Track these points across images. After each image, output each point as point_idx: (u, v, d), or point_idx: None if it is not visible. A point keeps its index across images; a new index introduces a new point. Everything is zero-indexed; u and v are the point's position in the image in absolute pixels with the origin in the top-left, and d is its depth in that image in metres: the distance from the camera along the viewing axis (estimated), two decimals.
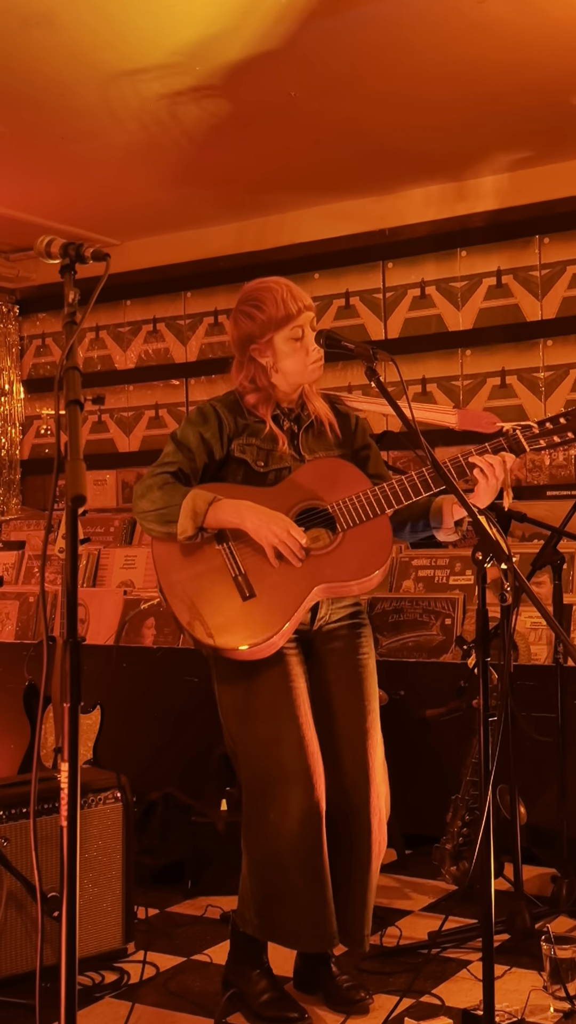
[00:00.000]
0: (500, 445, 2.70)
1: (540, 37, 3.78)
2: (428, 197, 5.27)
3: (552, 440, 2.69)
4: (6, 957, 2.97)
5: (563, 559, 3.50)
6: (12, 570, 5.64)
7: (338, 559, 2.72)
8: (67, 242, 2.02)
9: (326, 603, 2.81)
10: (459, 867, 3.60)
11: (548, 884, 3.57)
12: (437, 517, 2.84)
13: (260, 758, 2.74)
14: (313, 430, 2.88)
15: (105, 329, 6.25)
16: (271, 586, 2.69)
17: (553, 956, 2.80)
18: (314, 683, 2.83)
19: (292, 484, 2.78)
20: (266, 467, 2.80)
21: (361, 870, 2.79)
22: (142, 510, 2.75)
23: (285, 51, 3.82)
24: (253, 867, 2.77)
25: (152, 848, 3.92)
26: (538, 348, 5.03)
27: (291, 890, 2.70)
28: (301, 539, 2.68)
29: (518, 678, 3.79)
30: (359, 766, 2.80)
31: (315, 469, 2.81)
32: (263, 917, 2.75)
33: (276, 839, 2.70)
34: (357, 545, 2.72)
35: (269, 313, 2.77)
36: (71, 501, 1.72)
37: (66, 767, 1.77)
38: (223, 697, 2.84)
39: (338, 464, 2.83)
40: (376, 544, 2.73)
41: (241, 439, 2.81)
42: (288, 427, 2.86)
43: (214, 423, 2.80)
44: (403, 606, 4.44)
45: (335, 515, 2.73)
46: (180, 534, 2.69)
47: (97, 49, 3.82)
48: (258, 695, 2.75)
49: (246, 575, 2.70)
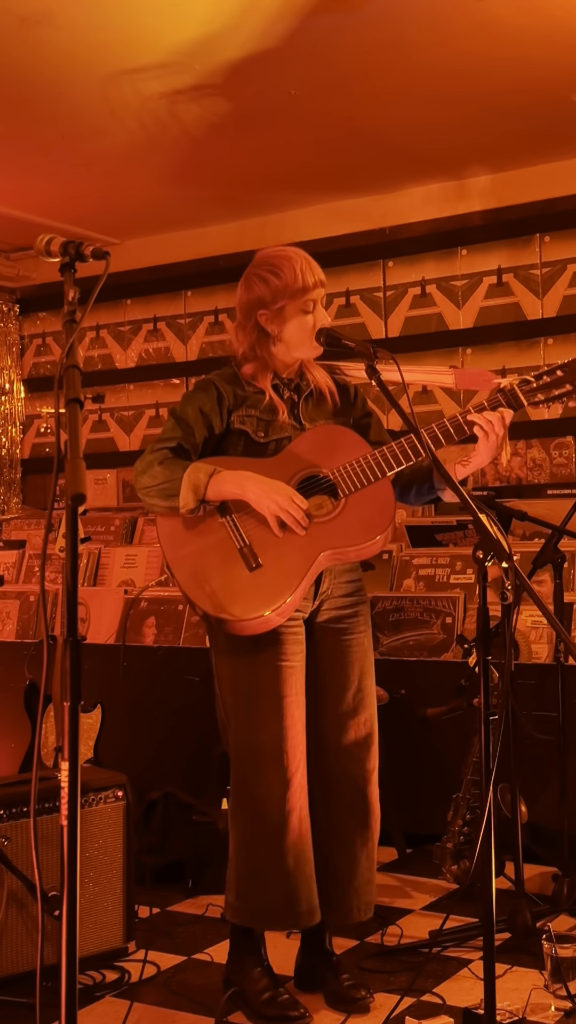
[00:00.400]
0: (498, 401, 2.70)
1: (540, 35, 3.77)
2: (428, 195, 5.27)
3: (551, 393, 2.68)
4: (7, 956, 2.96)
5: (564, 557, 3.50)
6: (13, 569, 5.64)
7: (341, 525, 2.72)
8: (67, 240, 2.02)
9: (328, 576, 2.82)
10: (460, 866, 3.60)
11: (549, 883, 3.57)
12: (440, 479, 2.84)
13: (248, 733, 2.76)
14: (313, 399, 2.88)
15: (105, 328, 6.25)
16: (277, 556, 2.70)
17: (554, 955, 2.80)
18: (312, 662, 2.85)
19: (292, 453, 2.78)
20: (266, 437, 2.80)
21: (364, 840, 2.84)
22: (144, 486, 2.76)
23: (285, 49, 3.82)
24: (238, 844, 2.79)
25: (153, 847, 3.92)
26: (539, 346, 5.02)
27: (272, 867, 2.72)
28: (303, 507, 2.68)
29: (519, 677, 3.79)
30: (358, 743, 2.84)
31: (314, 437, 2.81)
32: (242, 899, 2.77)
33: (262, 815, 2.73)
34: (360, 510, 2.73)
35: (286, 281, 2.76)
36: (71, 499, 1.72)
37: (66, 766, 1.76)
38: (220, 670, 2.85)
39: (337, 430, 2.83)
40: (378, 508, 2.73)
41: (241, 411, 2.81)
42: (288, 396, 2.85)
43: (213, 396, 2.81)
44: (404, 605, 4.43)
45: (336, 481, 2.74)
46: (182, 507, 2.70)
47: (96, 48, 3.81)
48: (252, 671, 2.76)
49: (251, 546, 2.71)
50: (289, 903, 2.72)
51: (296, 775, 2.74)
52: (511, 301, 5.09)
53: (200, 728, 2.89)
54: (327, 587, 2.83)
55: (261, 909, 2.75)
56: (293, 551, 2.70)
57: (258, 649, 2.75)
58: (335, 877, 2.84)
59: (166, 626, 4.77)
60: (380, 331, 5.39)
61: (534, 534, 4.54)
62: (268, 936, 2.94)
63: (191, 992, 2.97)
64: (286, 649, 2.77)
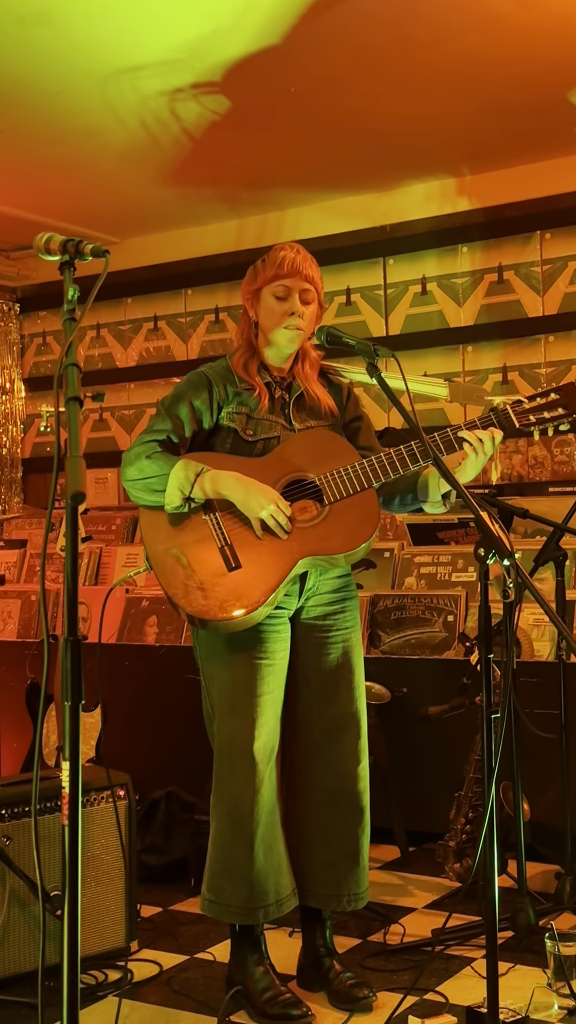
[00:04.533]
0: (489, 420, 2.70)
1: (541, 32, 3.76)
2: (429, 193, 5.26)
3: (542, 416, 2.68)
4: (9, 956, 2.96)
5: (565, 555, 3.50)
6: (14, 569, 5.63)
7: (324, 532, 2.72)
8: (66, 239, 2.02)
9: (314, 573, 2.82)
10: (462, 864, 3.60)
11: (552, 881, 3.57)
12: (424, 490, 2.85)
13: (225, 730, 2.77)
14: (304, 400, 2.88)
15: (106, 327, 6.25)
16: (256, 558, 2.70)
17: (557, 953, 2.79)
18: (300, 659, 2.85)
19: (280, 455, 2.78)
20: (255, 436, 2.80)
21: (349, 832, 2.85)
22: (130, 478, 2.76)
23: (284, 47, 3.81)
24: (214, 838, 2.81)
25: (155, 846, 3.92)
26: (540, 344, 5.02)
27: (241, 862, 2.73)
28: (288, 512, 2.69)
29: (521, 675, 3.79)
30: (344, 738, 2.85)
31: (304, 441, 2.81)
32: (213, 892, 2.79)
33: (236, 809, 2.74)
34: (343, 518, 2.73)
35: (267, 267, 2.81)
36: (70, 498, 1.71)
37: (68, 765, 1.76)
38: (206, 666, 2.86)
39: (327, 436, 2.84)
40: (362, 517, 2.74)
41: (231, 407, 2.81)
42: (279, 395, 2.86)
43: (204, 391, 2.81)
44: (405, 603, 4.43)
45: (322, 488, 2.74)
46: (167, 504, 2.71)
47: (96, 46, 3.81)
48: (232, 668, 2.77)
49: (232, 546, 2.71)
50: (256, 897, 2.74)
51: (266, 772, 2.75)
52: (512, 298, 5.08)
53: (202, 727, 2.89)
54: (313, 584, 2.83)
55: (230, 904, 2.77)
56: (273, 553, 2.70)
57: (238, 646, 2.76)
58: (320, 869, 2.85)
59: (167, 625, 4.77)
60: (381, 329, 5.39)
61: (536, 532, 4.54)
62: (270, 935, 2.94)
63: (193, 991, 2.97)
64: (267, 647, 2.77)
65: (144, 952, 3.22)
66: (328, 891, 2.87)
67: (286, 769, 2.88)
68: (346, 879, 2.86)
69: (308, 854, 2.86)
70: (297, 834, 2.86)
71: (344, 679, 2.87)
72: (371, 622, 4.44)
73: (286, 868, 2.81)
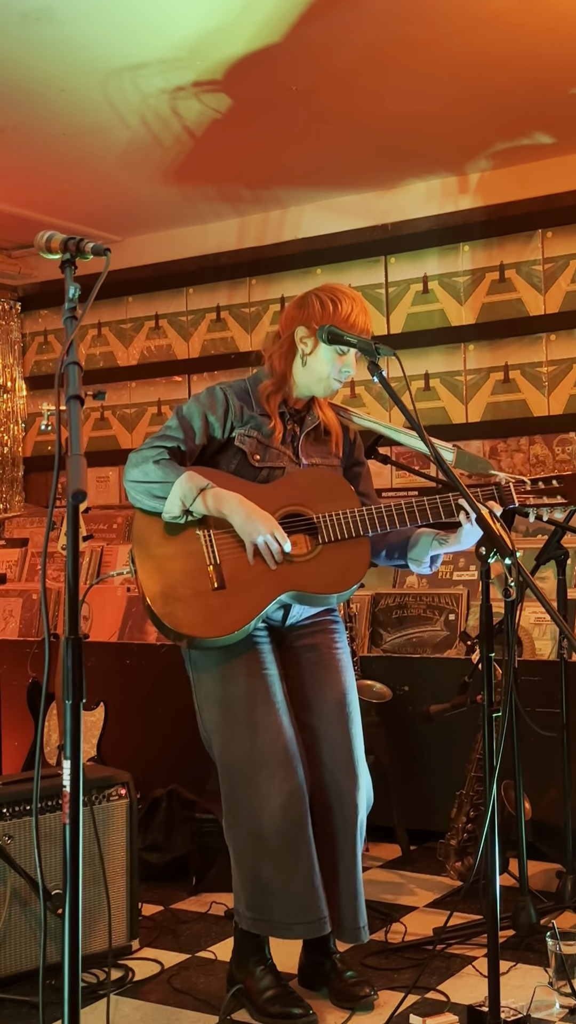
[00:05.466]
0: (491, 494, 2.72)
1: (542, 30, 3.76)
2: (430, 191, 5.26)
3: (542, 501, 2.73)
4: (10, 955, 2.97)
5: (567, 554, 3.50)
6: (15, 567, 5.64)
7: (313, 570, 2.73)
8: (67, 237, 2.02)
9: (296, 607, 2.83)
10: (464, 863, 3.60)
11: (553, 880, 3.57)
12: (415, 550, 2.86)
13: (239, 745, 2.74)
14: (314, 435, 2.90)
15: (107, 326, 6.24)
16: (242, 583, 2.71)
17: (558, 952, 2.79)
18: (290, 676, 2.85)
19: (284, 486, 2.80)
20: (261, 462, 2.81)
21: (348, 861, 2.80)
22: (133, 479, 2.76)
23: (286, 45, 3.81)
24: (239, 859, 2.77)
25: (156, 845, 3.92)
26: (541, 343, 5.01)
27: (279, 877, 2.70)
28: (285, 543, 2.69)
29: (522, 673, 3.79)
30: (341, 760, 2.80)
31: (309, 476, 2.83)
32: (254, 910, 2.75)
33: (259, 826, 2.70)
34: (334, 560, 2.74)
35: (341, 312, 2.79)
36: (72, 496, 1.71)
37: (69, 764, 1.76)
38: (199, 685, 2.85)
39: (332, 477, 2.86)
40: (352, 563, 2.75)
41: (244, 430, 2.82)
42: (291, 428, 2.87)
43: (222, 408, 2.83)
44: (407, 601, 4.43)
45: (319, 526, 2.75)
46: (166, 513, 2.71)
47: (97, 44, 3.81)
48: (233, 682, 2.76)
49: (220, 566, 2.71)
50: (302, 913, 2.70)
51: (292, 781, 2.71)
52: (513, 297, 5.08)
53: None
54: (297, 611, 2.85)
55: (276, 920, 2.73)
56: (259, 582, 2.71)
57: (237, 659, 2.75)
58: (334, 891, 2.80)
59: None
60: (382, 327, 5.38)
61: (537, 530, 4.54)
62: None
63: (195, 990, 2.97)
64: (264, 659, 2.78)
65: (145, 951, 3.22)
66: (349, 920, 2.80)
67: None
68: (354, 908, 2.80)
69: None
70: None
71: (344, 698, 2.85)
72: (372, 620, 4.44)
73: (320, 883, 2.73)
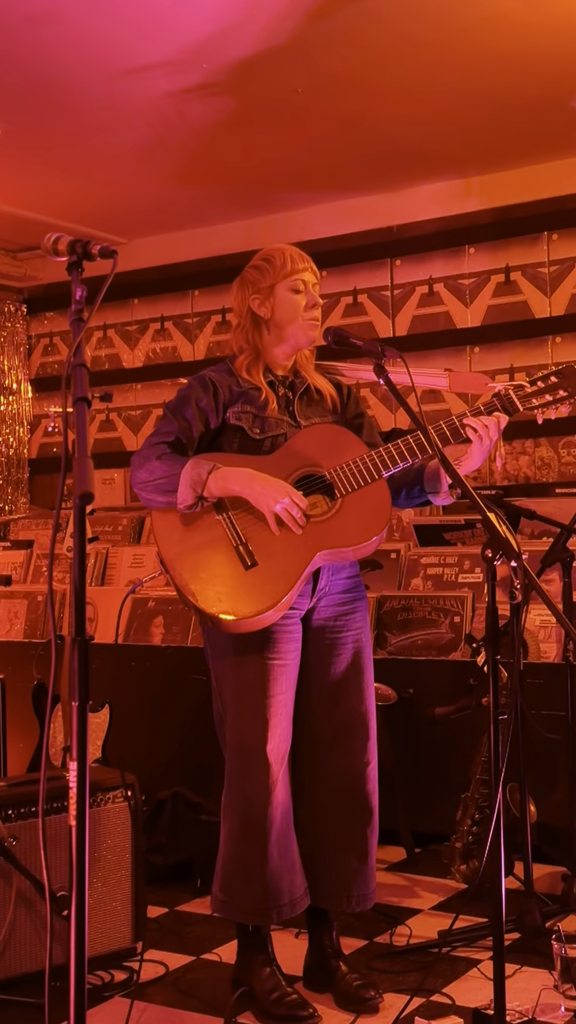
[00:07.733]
0: (493, 405, 2.70)
1: (548, 30, 3.76)
2: (436, 194, 5.26)
3: (544, 399, 2.71)
4: (16, 956, 2.96)
5: (572, 556, 3.49)
6: (21, 569, 5.64)
7: (338, 525, 2.72)
8: (74, 239, 2.02)
9: (326, 572, 2.82)
10: (469, 866, 3.59)
11: (558, 882, 3.56)
12: (432, 481, 2.85)
13: (238, 730, 2.78)
14: (308, 397, 2.90)
15: (113, 328, 6.25)
16: (272, 554, 2.70)
17: (564, 955, 2.79)
18: (310, 660, 2.86)
19: (289, 451, 2.79)
20: (262, 434, 2.81)
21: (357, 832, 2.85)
22: (141, 481, 2.76)
23: (291, 48, 3.81)
24: (226, 839, 2.81)
25: (161, 847, 3.92)
26: (547, 345, 5.01)
27: (254, 862, 2.73)
28: (303, 505, 2.68)
29: (528, 676, 3.78)
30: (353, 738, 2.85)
31: (312, 435, 2.82)
32: (226, 892, 2.79)
33: (248, 810, 2.74)
34: (356, 511, 2.73)
35: (275, 264, 2.84)
36: (78, 498, 1.71)
37: (75, 766, 1.76)
38: (217, 666, 2.86)
39: (334, 430, 2.84)
40: (375, 509, 2.74)
41: (236, 406, 2.82)
42: (283, 393, 2.87)
43: (209, 391, 2.82)
44: (412, 604, 4.42)
45: (333, 481, 2.74)
46: (180, 503, 2.71)
47: (103, 46, 3.81)
48: (244, 668, 2.77)
49: (247, 544, 2.71)
50: (270, 897, 2.74)
51: (279, 772, 2.76)
52: (519, 299, 5.08)
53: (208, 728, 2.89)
54: (325, 583, 2.83)
55: (243, 904, 2.77)
56: (289, 550, 2.70)
57: (251, 647, 2.76)
58: (328, 869, 2.86)
59: (174, 625, 4.77)
60: (388, 330, 5.38)
61: (543, 533, 4.53)
62: (276, 936, 2.94)
63: (200, 992, 2.96)
64: (279, 647, 2.77)
65: (150, 953, 3.22)
66: (336, 891, 2.87)
67: (296, 769, 2.88)
68: (354, 879, 2.86)
69: (316, 854, 2.86)
70: (305, 834, 2.86)
71: (354, 680, 2.87)
72: (378, 623, 4.44)
73: (299, 867, 2.81)
